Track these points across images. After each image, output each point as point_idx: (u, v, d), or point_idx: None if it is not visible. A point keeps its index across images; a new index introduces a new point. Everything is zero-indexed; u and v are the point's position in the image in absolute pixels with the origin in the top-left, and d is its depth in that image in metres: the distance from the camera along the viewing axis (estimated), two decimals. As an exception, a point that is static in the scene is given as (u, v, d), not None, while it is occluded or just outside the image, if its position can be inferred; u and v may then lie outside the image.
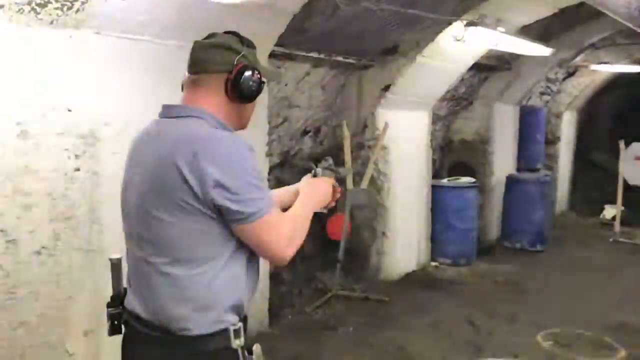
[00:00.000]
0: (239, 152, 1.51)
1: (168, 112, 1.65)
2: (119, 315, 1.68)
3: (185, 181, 1.46)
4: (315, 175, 1.90)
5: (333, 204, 1.90)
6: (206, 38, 1.68)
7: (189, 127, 1.56)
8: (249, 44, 1.69)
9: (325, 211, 1.85)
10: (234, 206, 1.47)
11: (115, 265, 1.72)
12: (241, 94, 1.62)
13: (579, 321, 4.54)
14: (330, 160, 1.96)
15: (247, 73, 1.60)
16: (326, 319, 4.52)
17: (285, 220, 1.58)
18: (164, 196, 1.50)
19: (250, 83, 1.61)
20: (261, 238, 1.53)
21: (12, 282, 2.51)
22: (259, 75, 1.63)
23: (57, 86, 2.58)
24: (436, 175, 6.54)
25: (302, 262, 5.24)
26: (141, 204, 1.56)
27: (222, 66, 1.61)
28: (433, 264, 6.10)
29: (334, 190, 1.88)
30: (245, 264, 1.61)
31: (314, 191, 1.81)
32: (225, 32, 1.69)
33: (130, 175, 1.65)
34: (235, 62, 1.60)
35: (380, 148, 5.18)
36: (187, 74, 1.67)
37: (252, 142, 1.59)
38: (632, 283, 5.65)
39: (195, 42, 1.67)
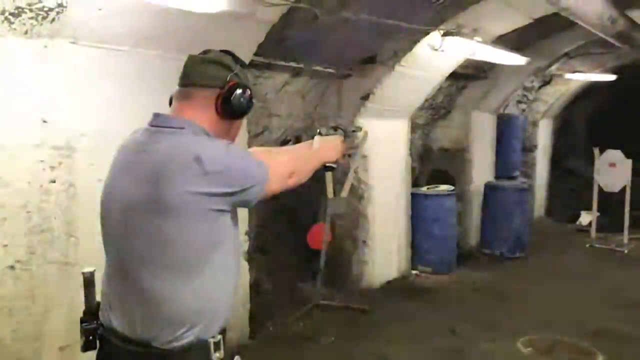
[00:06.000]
0: (234, 152, 1.60)
1: (160, 121, 1.63)
2: (94, 330, 1.65)
3: (190, 186, 1.47)
4: (326, 134, 2.05)
5: (342, 159, 2.06)
6: (201, 53, 1.69)
7: (186, 136, 1.56)
8: (243, 64, 1.72)
9: (335, 165, 2.01)
10: (241, 197, 1.56)
11: (88, 279, 1.68)
12: (231, 110, 1.64)
13: (557, 327, 4.59)
14: (332, 124, 2.15)
15: (239, 91, 1.63)
16: (307, 330, 4.49)
17: (281, 164, 1.71)
18: (161, 204, 1.48)
19: (241, 100, 1.64)
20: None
21: (-15, 297, 2.45)
22: (249, 94, 1.66)
23: (32, 97, 2.53)
24: (415, 183, 6.58)
25: (283, 272, 5.21)
26: (131, 213, 1.54)
27: (214, 81, 1.62)
28: (413, 272, 6.11)
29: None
30: (224, 277, 1.61)
31: (324, 142, 1.97)
32: (221, 51, 1.71)
33: (116, 184, 1.62)
34: (227, 79, 1.62)
35: (360, 157, 5.19)
36: (177, 86, 1.67)
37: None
38: (608, 288, 5.73)
39: (190, 56, 1.69)
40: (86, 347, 1.66)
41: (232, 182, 1.53)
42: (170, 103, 1.69)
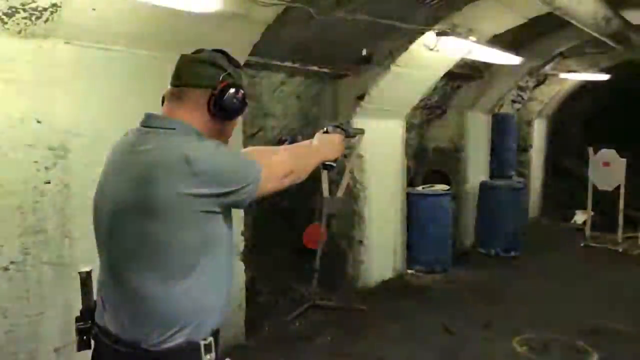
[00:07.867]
0: (224, 152, 1.58)
1: (151, 121, 1.62)
2: (88, 330, 1.65)
3: (180, 187, 1.46)
4: (326, 132, 2.03)
5: (340, 158, 2.05)
6: (194, 53, 1.68)
7: (177, 136, 1.55)
8: (236, 64, 1.70)
9: (334, 164, 2.00)
10: (232, 198, 1.54)
11: (85, 279, 1.68)
12: (224, 111, 1.62)
13: (553, 326, 4.60)
14: (341, 121, 2.08)
15: (231, 91, 1.61)
16: (303, 330, 4.49)
17: (276, 164, 1.67)
18: (151, 205, 1.47)
19: (234, 101, 1.62)
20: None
21: (-21, 299, 2.43)
22: (243, 94, 1.64)
23: (25, 97, 2.52)
24: (411, 183, 6.59)
25: (278, 272, 5.20)
26: (122, 214, 1.53)
27: (206, 81, 1.61)
28: (409, 271, 6.12)
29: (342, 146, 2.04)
30: (216, 279, 1.60)
31: (324, 141, 1.95)
32: (214, 50, 1.69)
33: (107, 185, 1.61)
34: (220, 79, 1.60)
35: (356, 156, 5.20)
36: (169, 86, 1.66)
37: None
38: (603, 287, 5.75)
39: (182, 56, 1.67)
40: (80, 347, 1.65)
41: (222, 182, 1.52)
42: (163, 103, 1.68)
